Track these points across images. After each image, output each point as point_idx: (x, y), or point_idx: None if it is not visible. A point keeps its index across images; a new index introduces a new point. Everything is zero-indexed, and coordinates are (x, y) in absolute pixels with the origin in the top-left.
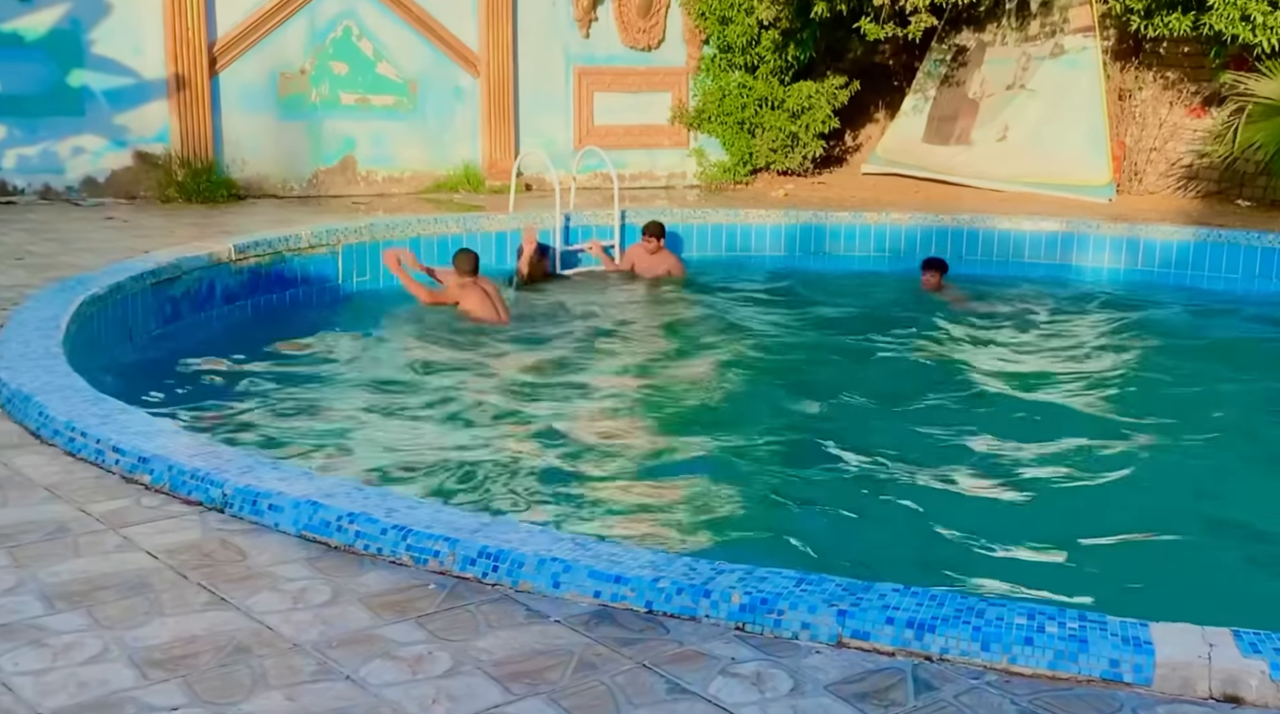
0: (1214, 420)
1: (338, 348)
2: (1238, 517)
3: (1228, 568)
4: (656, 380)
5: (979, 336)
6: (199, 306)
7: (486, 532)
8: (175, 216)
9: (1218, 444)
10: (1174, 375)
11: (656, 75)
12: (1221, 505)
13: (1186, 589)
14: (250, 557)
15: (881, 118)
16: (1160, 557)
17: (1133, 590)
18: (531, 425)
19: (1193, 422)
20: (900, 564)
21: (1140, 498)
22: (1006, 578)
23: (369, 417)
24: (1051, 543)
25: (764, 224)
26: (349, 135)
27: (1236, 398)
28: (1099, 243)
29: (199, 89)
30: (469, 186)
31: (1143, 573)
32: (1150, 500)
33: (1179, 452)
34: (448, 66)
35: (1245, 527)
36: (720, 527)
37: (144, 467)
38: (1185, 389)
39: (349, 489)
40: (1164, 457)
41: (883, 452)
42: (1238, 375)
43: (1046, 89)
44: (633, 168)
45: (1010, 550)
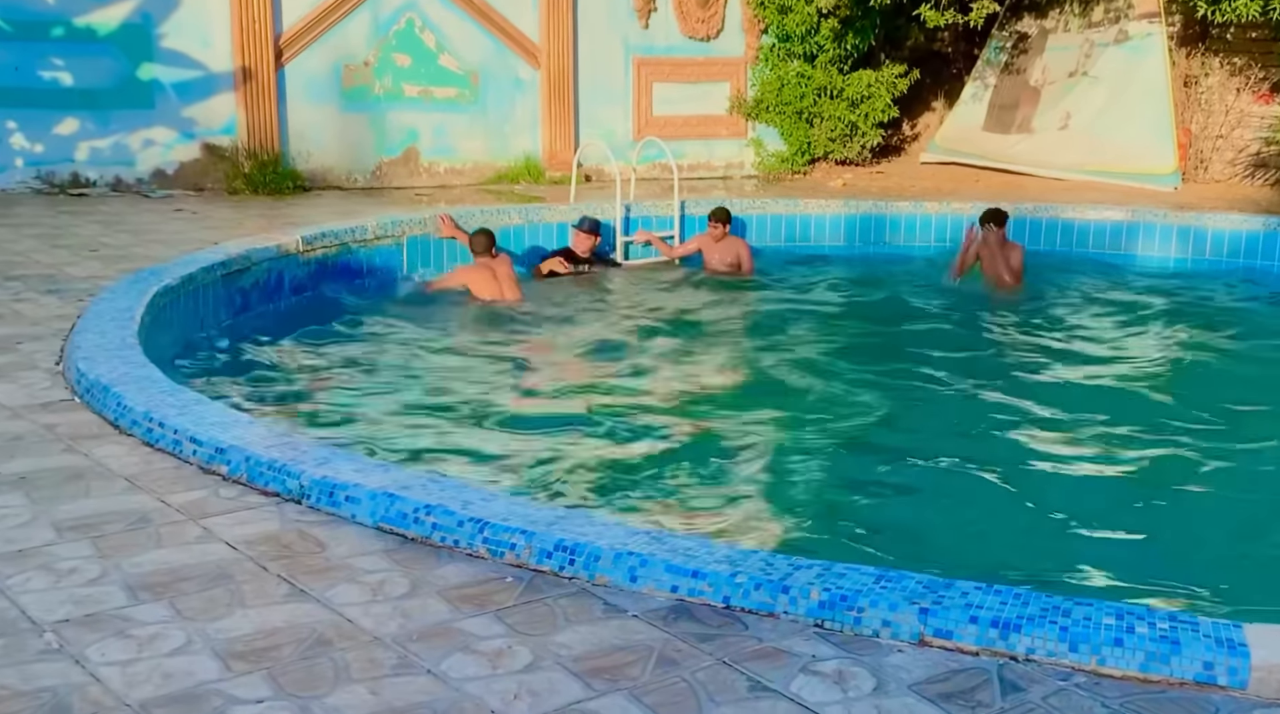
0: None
1: (401, 338)
2: None
3: None
4: (714, 371)
5: (1045, 325)
6: (268, 297)
7: (562, 524)
8: (243, 208)
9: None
10: (1250, 365)
11: (715, 65)
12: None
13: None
14: (329, 548)
15: (940, 106)
16: (1250, 553)
17: (1222, 590)
18: (586, 411)
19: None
20: (976, 559)
21: (1222, 492)
22: (1087, 575)
23: (434, 405)
24: (1134, 538)
25: (824, 214)
26: (411, 127)
27: None
28: (1165, 232)
29: (265, 81)
30: (529, 178)
31: (1232, 571)
32: (1233, 494)
33: (1263, 443)
34: (508, 58)
35: None
36: (789, 519)
37: (221, 457)
38: (1264, 378)
39: (425, 481)
40: (1248, 448)
41: (952, 444)
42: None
43: (1110, 76)
44: (690, 158)
45: (1090, 546)
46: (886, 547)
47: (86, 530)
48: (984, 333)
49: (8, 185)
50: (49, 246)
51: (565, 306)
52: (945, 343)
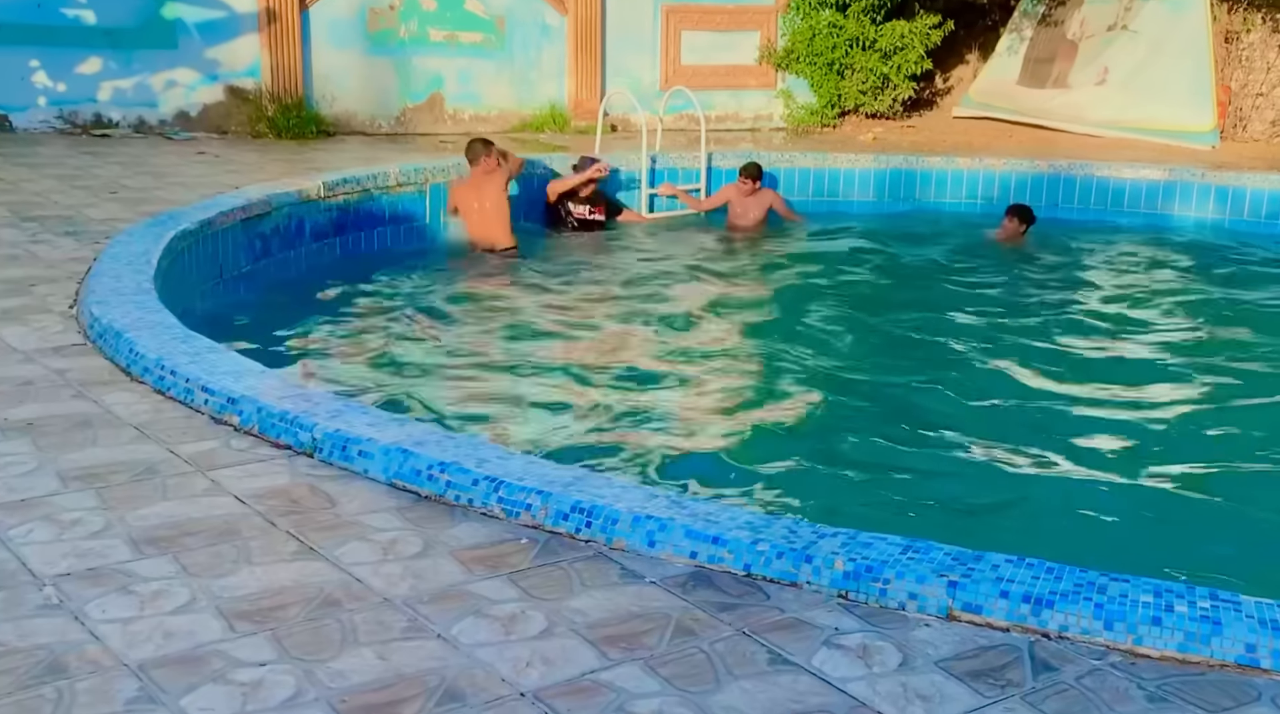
0: None
1: (421, 287)
2: None
3: None
4: (736, 334)
5: (1077, 287)
6: (288, 244)
7: (580, 485)
8: (265, 152)
9: None
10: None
11: (745, 14)
12: None
13: None
14: (339, 504)
15: (974, 59)
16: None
17: (1268, 568)
18: (606, 370)
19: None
20: (1005, 531)
21: (1266, 464)
22: (1123, 549)
23: (452, 358)
24: (1172, 510)
25: (853, 168)
26: (437, 73)
27: None
28: (1203, 192)
29: (289, 23)
30: (554, 126)
31: (1273, 548)
32: (1272, 467)
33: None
34: (535, 3)
35: None
36: (811, 484)
37: (233, 408)
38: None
39: (440, 437)
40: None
41: (983, 411)
42: None
43: (1149, 31)
44: (718, 109)
45: (1125, 519)
46: (913, 516)
47: (92, 480)
48: (1016, 296)
49: (30, 124)
50: (69, 187)
51: (574, 262)
52: (974, 305)
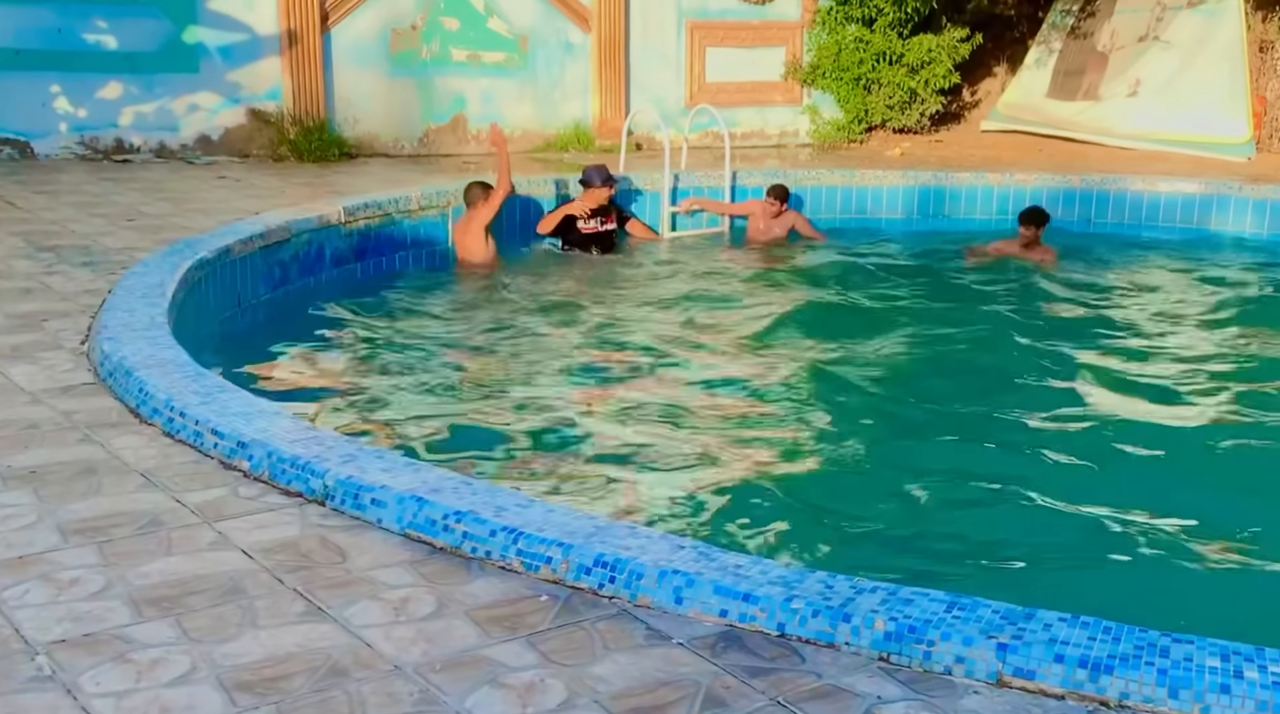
0: None
1: (445, 313)
2: None
3: None
4: (757, 360)
5: (1114, 307)
6: (308, 270)
7: (602, 537)
8: (287, 176)
9: None
10: None
11: (770, 29)
12: None
13: None
14: (350, 558)
15: (1001, 72)
16: None
17: None
18: (619, 405)
19: None
20: (1051, 582)
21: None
22: (1179, 603)
23: (471, 390)
24: (1235, 559)
25: (881, 186)
26: (460, 93)
27: None
28: (1240, 205)
29: (311, 45)
30: (579, 145)
31: None
32: None
33: None
34: (558, 21)
35: None
36: (841, 531)
37: (243, 452)
38: None
39: (456, 483)
40: None
41: (1021, 449)
42: None
43: (1182, 41)
44: (744, 126)
45: (1178, 570)
46: (954, 565)
47: (94, 534)
48: (1053, 320)
49: (51, 151)
50: (87, 215)
51: (579, 286)
52: (1010, 330)
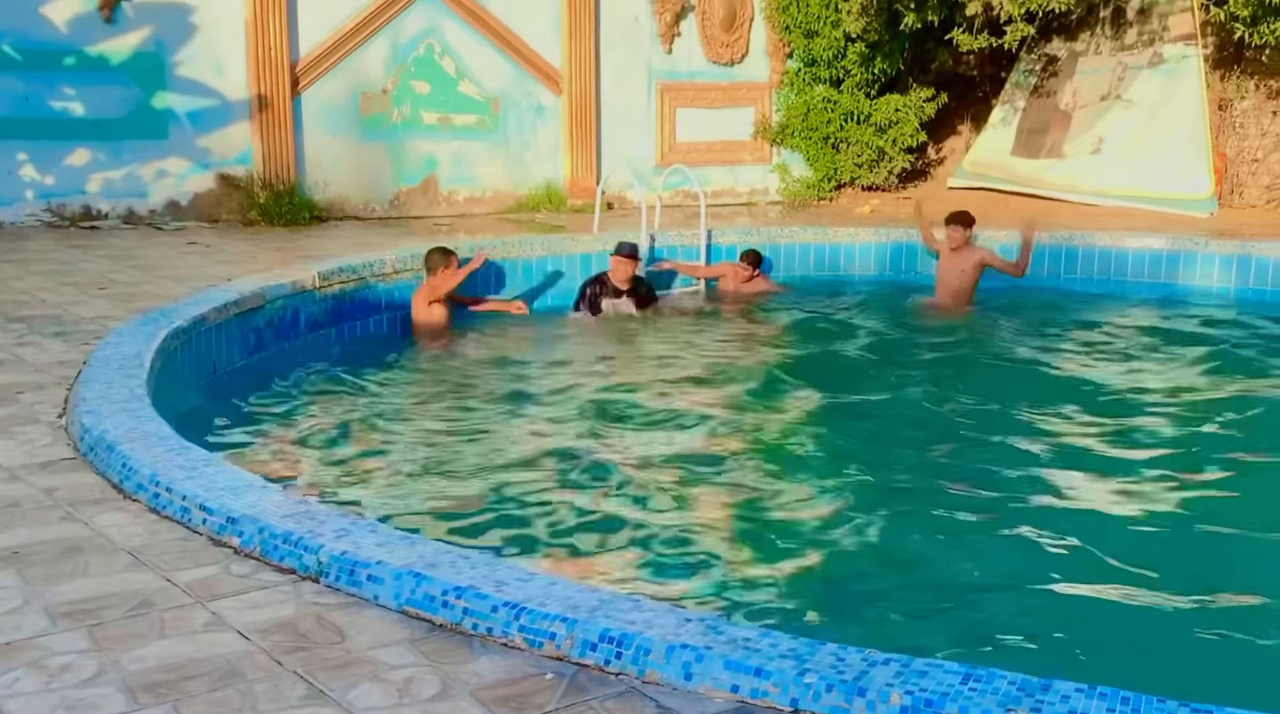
0: None
1: (423, 376)
2: None
3: None
4: (749, 420)
5: (1095, 362)
6: (283, 336)
7: (607, 610)
8: (258, 240)
9: None
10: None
11: (740, 90)
12: None
13: None
14: (349, 637)
15: (966, 130)
16: None
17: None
18: (613, 471)
19: None
20: (1063, 646)
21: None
22: (1184, 668)
23: (457, 455)
24: (1232, 624)
25: (853, 243)
26: (431, 155)
27: None
28: (1206, 260)
29: (281, 110)
30: (550, 206)
31: None
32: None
33: None
34: (530, 84)
35: None
36: (848, 597)
37: (233, 528)
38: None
39: (454, 558)
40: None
41: (1014, 510)
42: None
43: (1144, 100)
44: (715, 184)
45: (1187, 634)
46: (964, 631)
47: (83, 617)
48: (1028, 372)
49: (17, 219)
50: (57, 283)
51: (552, 349)
52: (993, 384)
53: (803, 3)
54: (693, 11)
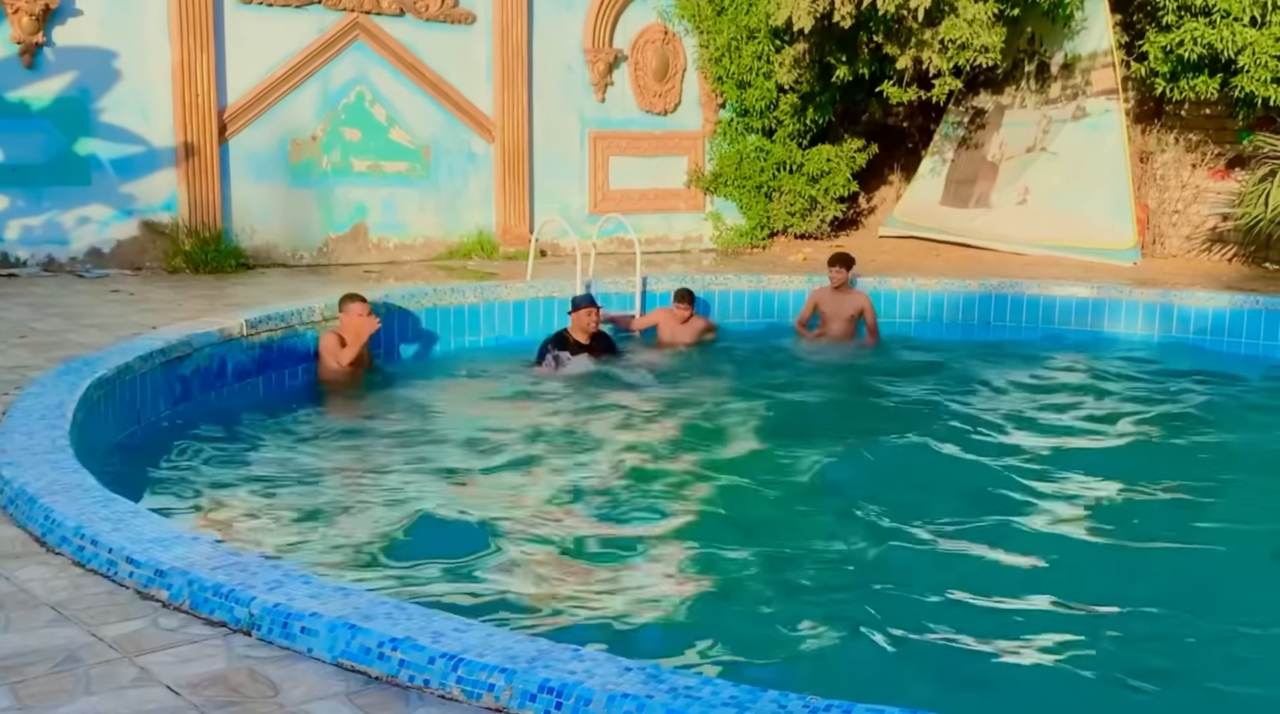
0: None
1: (355, 425)
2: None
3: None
4: (683, 467)
5: (1026, 410)
6: (210, 385)
7: (545, 660)
8: (182, 288)
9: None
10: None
11: (672, 139)
12: None
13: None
14: (283, 691)
15: (897, 180)
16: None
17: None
18: (552, 519)
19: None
20: (993, 685)
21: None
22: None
23: (390, 506)
24: (1162, 666)
25: (787, 290)
26: (360, 202)
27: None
28: (1131, 308)
29: (208, 157)
30: (483, 253)
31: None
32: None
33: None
34: (461, 132)
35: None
36: (785, 641)
37: (161, 581)
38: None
39: (390, 609)
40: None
41: (958, 555)
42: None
43: (1068, 152)
44: (648, 232)
45: (1117, 678)
46: (900, 671)
47: (5, 674)
48: (963, 416)
49: None
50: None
51: (497, 398)
52: (917, 426)
53: (735, 54)
54: (625, 61)
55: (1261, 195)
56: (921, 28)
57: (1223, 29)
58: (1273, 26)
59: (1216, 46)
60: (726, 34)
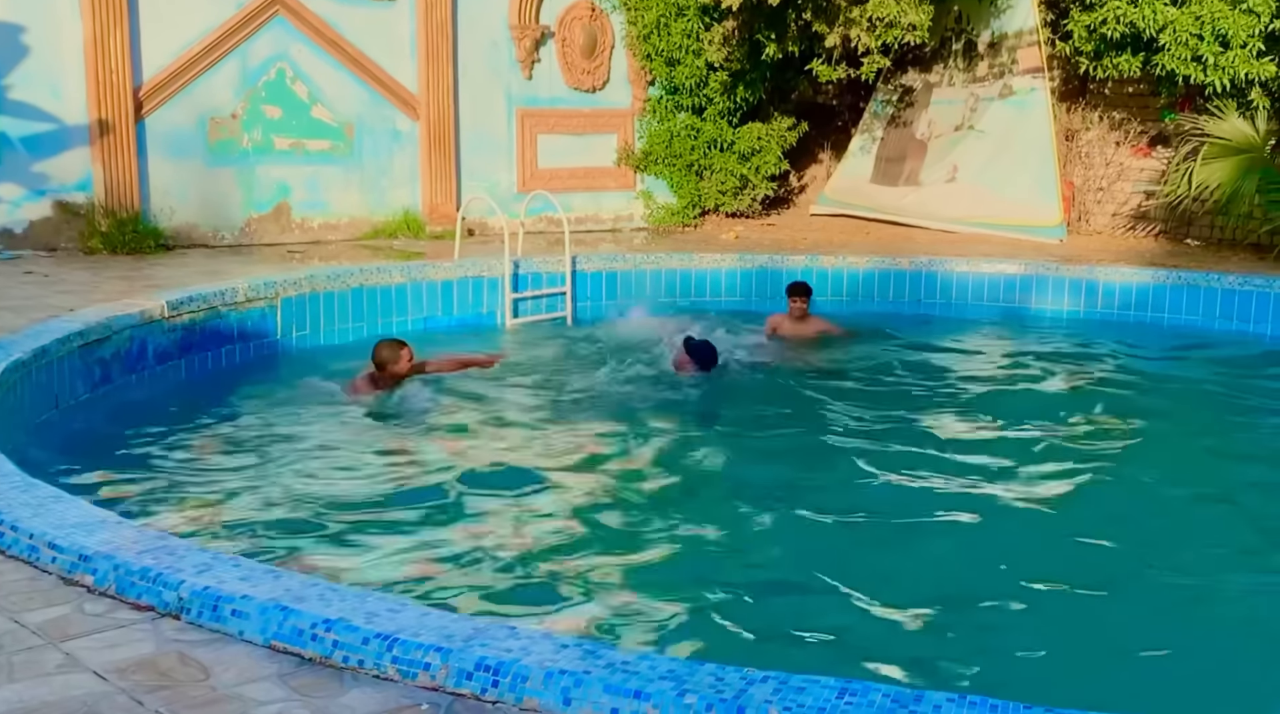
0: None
1: (278, 409)
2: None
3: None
4: (606, 447)
5: (961, 386)
6: (130, 368)
7: (482, 639)
8: (100, 269)
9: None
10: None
11: (601, 117)
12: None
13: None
14: (214, 674)
15: (826, 158)
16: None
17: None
18: (482, 502)
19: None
20: (930, 656)
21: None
22: (1047, 667)
23: (313, 489)
24: (1091, 627)
25: (719, 268)
26: (283, 181)
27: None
28: (1057, 284)
29: (124, 135)
30: (409, 232)
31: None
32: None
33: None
34: (386, 109)
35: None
36: (722, 613)
37: (85, 566)
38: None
39: (323, 589)
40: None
41: (870, 518)
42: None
43: (995, 130)
44: (578, 211)
45: (1043, 635)
46: (834, 641)
47: None
48: (890, 395)
49: None
50: None
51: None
52: (848, 405)
53: (664, 31)
54: (552, 38)
55: (1185, 173)
56: (849, 5)
57: (1144, 8)
58: (1192, 5)
59: (1139, 25)
60: (655, 10)
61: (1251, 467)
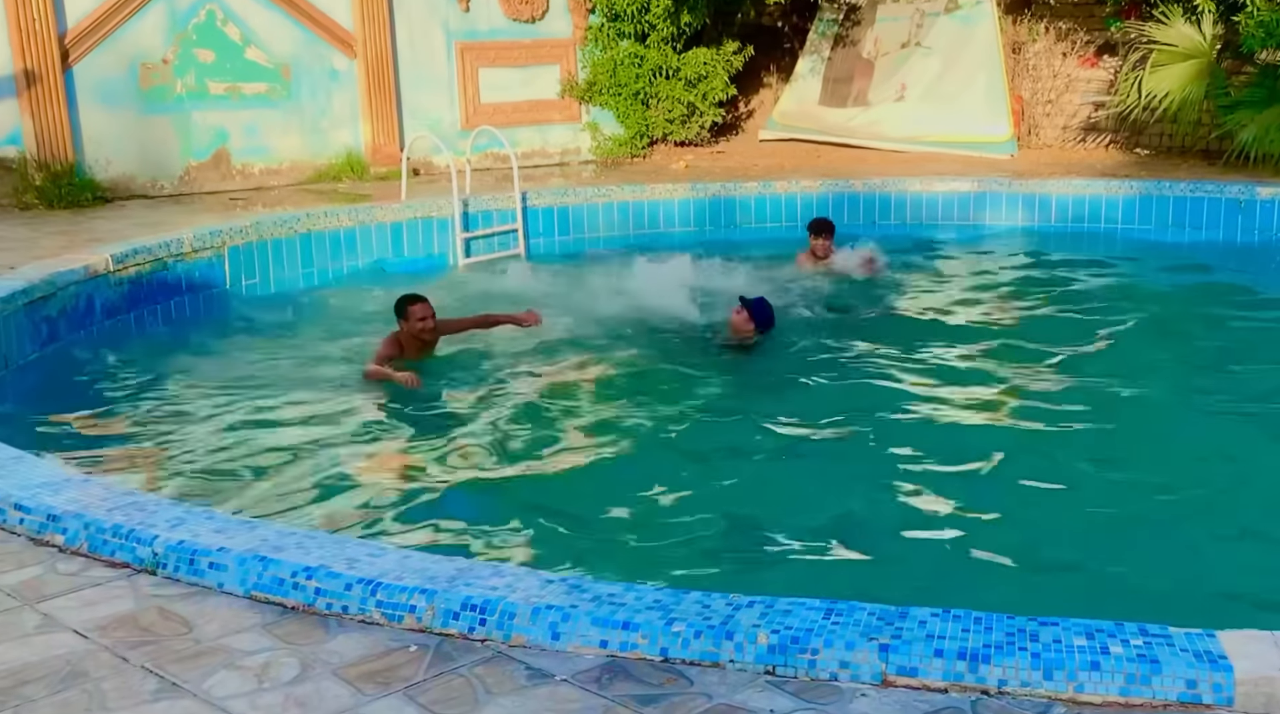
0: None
1: (232, 359)
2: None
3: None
4: (586, 380)
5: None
6: (78, 324)
7: (466, 578)
8: (37, 225)
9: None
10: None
11: (543, 48)
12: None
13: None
14: (197, 627)
15: (774, 82)
16: (1141, 544)
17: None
18: (452, 447)
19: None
20: (914, 573)
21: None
22: (1038, 585)
23: (279, 439)
24: (1070, 537)
25: (671, 199)
26: (220, 127)
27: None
28: (1011, 200)
29: (52, 85)
30: (353, 174)
31: (1169, 565)
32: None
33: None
34: (321, 48)
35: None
36: (706, 541)
37: (55, 525)
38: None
39: (300, 538)
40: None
41: (867, 450)
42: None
43: (942, 46)
44: (524, 145)
45: (1027, 550)
46: (818, 561)
47: None
48: (871, 323)
49: None
50: None
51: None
52: (839, 336)
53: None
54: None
55: (1134, 82)
56: None
57: None
58: None
59: None
60: None
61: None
